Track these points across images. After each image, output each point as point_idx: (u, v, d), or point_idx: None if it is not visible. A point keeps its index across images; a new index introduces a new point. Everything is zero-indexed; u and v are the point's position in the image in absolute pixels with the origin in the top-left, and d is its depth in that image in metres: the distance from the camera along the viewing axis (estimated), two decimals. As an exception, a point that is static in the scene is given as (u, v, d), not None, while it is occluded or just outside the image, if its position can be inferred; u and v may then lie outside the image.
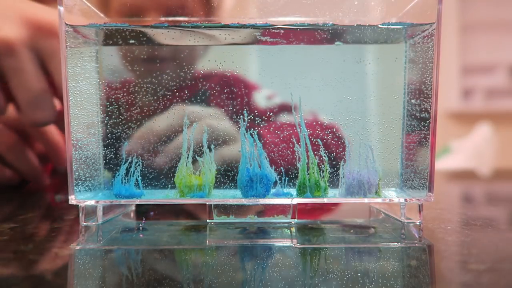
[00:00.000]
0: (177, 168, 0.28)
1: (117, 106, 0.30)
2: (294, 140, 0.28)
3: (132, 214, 0.31)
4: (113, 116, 0.30)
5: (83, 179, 0.28)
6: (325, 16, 0.28)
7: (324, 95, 0.30)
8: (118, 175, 0.28)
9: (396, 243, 0.23)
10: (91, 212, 0.27)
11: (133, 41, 0.30)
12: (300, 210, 0.28)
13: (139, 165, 0.28)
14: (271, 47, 0.30)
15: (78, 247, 0.22)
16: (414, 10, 0.28)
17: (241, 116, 0.28)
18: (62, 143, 0.42)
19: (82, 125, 0.28)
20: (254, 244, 0.22)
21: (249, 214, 0.28)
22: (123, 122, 0.30)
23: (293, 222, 0.27)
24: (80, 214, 0.26)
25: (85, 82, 0.28)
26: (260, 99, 0.30)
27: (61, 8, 0.26)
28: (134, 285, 0.17)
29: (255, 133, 0.28)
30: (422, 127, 0.28)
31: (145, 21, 0.30)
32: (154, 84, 0.30)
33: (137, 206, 0.32)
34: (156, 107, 0.30)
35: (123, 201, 0.28)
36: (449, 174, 0.66)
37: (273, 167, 0.28)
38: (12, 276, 0.17)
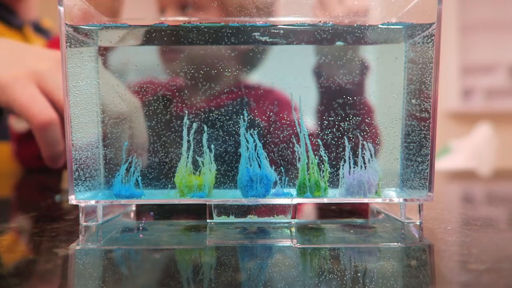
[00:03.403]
0: (177, 168, 0.28)
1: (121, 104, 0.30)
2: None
3: (132, 214, 0.31)
4: (114, 116, 0.30)
5: (83, 179, 0.28)
6: (325, 16, 0.28)
7: (324, 95, 0.30)
8: (118, 175, 0.28)
9: (396, 243, 0.23)
10: (91, 212, 0.27)
11: (132, 41, 0.30)
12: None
13: (139, 165, 0.28)
14: (271, 47, 0.30)
15: (78, 247, 0.22)
16: (414, 10, 0.28)
17: (241, 116, 0.28)
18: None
19: (82, 125, 0.28)
20: (254, 244, 0.22)
21: (249, 214, 0.28)
22: (123, 122, 0.30)
23: (293, 222, 0.27)
24: (80, 214, 0.26)
25: (85, 82, 0.28)
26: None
27: (61, 8, 0.26)
28: (134, 285, 0.17)
29: (255, 133, 0.28)
30: (422, 127, 0.28)
31: (144, 21, 0.30)
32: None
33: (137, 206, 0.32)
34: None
35: (123, 201, 0.28)
36: (449, 174, 0.66)
37: (273, 167, 0.28)
38: (12, 276, 0.17)
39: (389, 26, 0.28)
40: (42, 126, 0.36)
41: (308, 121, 0.29)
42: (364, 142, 0.28)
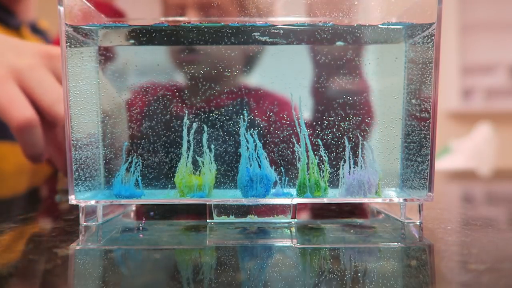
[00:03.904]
0: (177, 168, 0.28)
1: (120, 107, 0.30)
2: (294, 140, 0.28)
3: (132, 214, 0.31)
4: (113, 116, 0.30)
5: (83, 179, 0.28)
6: (325, 16, 0.28)
7: (324, 95, 0.30)
8: (118, 175, 0.28)
9: (396, 243, 0.23)
10: (91, 212, 0.27)
11: (133, 41, 0.30)
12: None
13: (139, 165, 0.28)
14: (271, 47, 0.30)
15: (78, 247, 0.22)
16: (414, 10, 0.28)
17: (241, 116, 0.28)
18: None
19: (82, 125, 0.28)
20: (254, 244, 0.22)
21: (249, 214, 0.28)
22: (123, 122, 0.30)
23: (293, 222, 0.27)
24: (80, 214, 0.26)
25: (85, 82, 0.28)
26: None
27: (61, 8, 0.26)
28: (134, 285, 0.17)
29: (255, 133, 0.28)
30: (422, 127, 0.28)
31: (145, 21, 0.30)
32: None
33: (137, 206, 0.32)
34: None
35: (123, 201, 0.28)
36: (449, 174, 0.66)
37: (273, 167, 0.28)
38: (12, 276, 0.17)
39: (389, 26, 0.28)
40: (22, 128, 0.35)
41: (307, 121, 0.29)
42: (364, 142, 0.28)
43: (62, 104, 0.36)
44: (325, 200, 0.27)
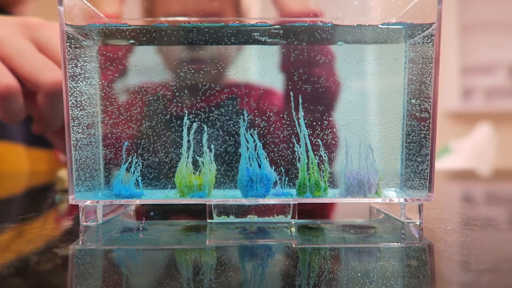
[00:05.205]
0: (177, 168, 0.28)
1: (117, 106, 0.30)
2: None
3: (132, 214, 0.31)
4: (113, 116, 0.30)
5: (83, 179, 0.28)
6: (325, 16, 0.28)
7: (324, 95, 0.30)
8: (118, 175, 0.28)
9: (396, 243, 0.23)
10: (91, 212, 0.27)
11: (133, 41, 0.30)
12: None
13: (139, 165, 0.28)
14: (271, 47, 0.30)
15: (78, 247, 0.22)
16: (414, 10, 0.28)
17: (241, 116, 0.28)
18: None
19: (82, 125, 0.28)
20: (254, 244, 0.22)
21: (249, 214, 0.28)
22: (123, 122, 0.30)
23: (293, 222, 0.27)
24: (80, 214, 0.26)
25: (85, 83, 0.28)
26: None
27: (61, 8, 0.26)
28: (134, 285, 0.17)
29: (255, 133, 0.28)
30: (422, 127, 0.28)
31: (144, 21, 0.30)
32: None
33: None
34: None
35: (123, 201, 0.28)
36: (449, 174, 0.66)
37: (273, 167, 0.28)
38: (12, 276, 0.17)
39: (389, 26, 0.28)
40: (1, 94, 0.35)
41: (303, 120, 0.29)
42: (364, 142, 0.28)
43: (43, 72, 0.36)
44: (325, 200, 0.27)
